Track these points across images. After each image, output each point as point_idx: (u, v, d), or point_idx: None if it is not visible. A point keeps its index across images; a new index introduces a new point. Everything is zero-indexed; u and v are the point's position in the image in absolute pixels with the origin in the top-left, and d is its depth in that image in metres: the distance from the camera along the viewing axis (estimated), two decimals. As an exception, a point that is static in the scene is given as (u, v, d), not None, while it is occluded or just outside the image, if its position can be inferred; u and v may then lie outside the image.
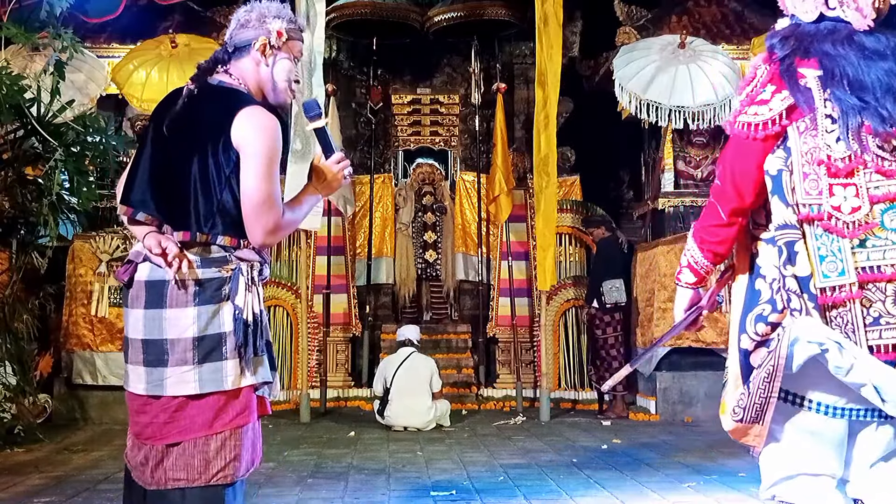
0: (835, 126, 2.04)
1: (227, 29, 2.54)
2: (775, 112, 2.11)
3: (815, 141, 2.06)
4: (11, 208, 6.93)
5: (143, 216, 2.37)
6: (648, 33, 9.13)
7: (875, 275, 2.01)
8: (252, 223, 2.31)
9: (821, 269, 2.04)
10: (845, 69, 2.06)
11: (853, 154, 2.03)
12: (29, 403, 7.02)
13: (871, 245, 2.02)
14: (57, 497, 4.63)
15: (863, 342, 2.02)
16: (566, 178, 9.63)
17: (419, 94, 10.47)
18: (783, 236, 2.12)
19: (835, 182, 2.04)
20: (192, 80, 2.43)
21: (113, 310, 7.67)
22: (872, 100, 2.03)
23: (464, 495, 4.66)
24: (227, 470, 2.33)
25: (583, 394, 9.03)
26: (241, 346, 2.32)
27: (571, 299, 9.28)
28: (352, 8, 9.28)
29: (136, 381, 2.37)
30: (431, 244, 9.84)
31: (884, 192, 2.02)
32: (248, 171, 2.30)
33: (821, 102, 2.06)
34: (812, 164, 2.06)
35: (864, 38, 2.10)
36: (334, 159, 2.47)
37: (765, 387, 2.10)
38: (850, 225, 2.02)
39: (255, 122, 2.31)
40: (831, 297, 2.03)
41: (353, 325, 9.34)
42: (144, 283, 2.36)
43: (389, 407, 7.25)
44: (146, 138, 2.45)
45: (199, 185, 2.31)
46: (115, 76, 8.25)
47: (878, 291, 2.01)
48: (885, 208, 2.02)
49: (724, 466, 5.37)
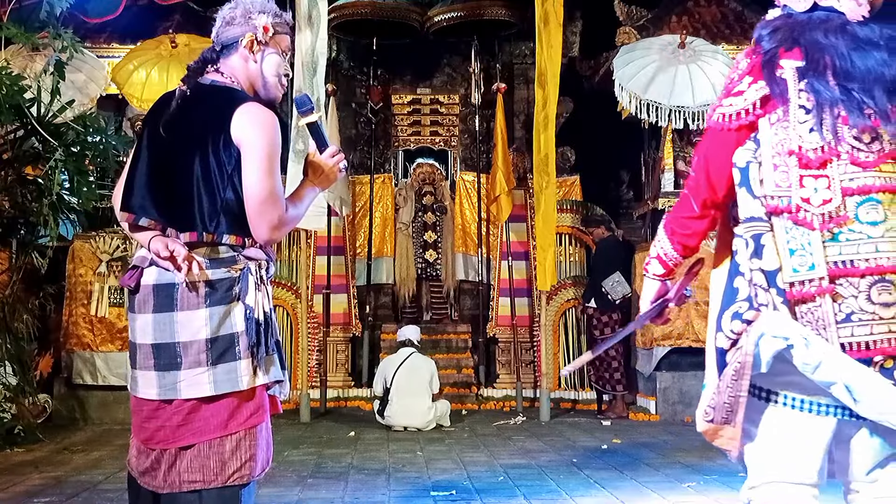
0: (808, 116, 1.99)
1: (214, 27, 2.52)
2: (748, 102, 2.07)
3: (787, 132, 2.00)
4: (11, 208, 6.93)
5: (146, 221, 2.35)
6: (648, 33, 9.13)
7: (847, 269, 1.93)
8: (257, 220, 2.30)
9: (790, 263, 1.97)
10: (833, 59, 2.01)
11: (826, 145, 1.96)
12: (29, 403, 7.02)
13: (844, 239, 1.94)
14: (57, 497, 4.62)
15: (834, 339, 1.93)
16: (566, 178, 9.63)
17: (419, 94, 10.47)
18: (750, 229, 2.06)
19: (806, 173, 1.97)
20: (184, 82, 2.42)
21: (113, 310, 7.68)
22: (858, 90, 1.97)
23: (464, 495, 4.66)
24: (244, 470, 2.33)
25: (583, 394, 9.04)
26: (253, 345, 2.31)
27: (571, 299, 9.28)
28: (352, 8, 9.28)
29: (147, 387, 2.34)
30: (431, 244, 9.84)
31: (858, 185, 1.95)
32: (249, 167, 2.29)
33: (794, 93, 2.01)
34: (783, 155, 2.00)
35: (857, 28, 2.05)
36: (329, 153, 2.46)
37: (733, 385, 2.03)
38: (819, 217, 1.95)
39: (253, 119, 2.31)
40: (801, 291, 1.96)
41: (353, 325, 9.34)
42: (153, 288, 2.34)
43: (389, 407, 7.25)
44: (140, 143, 2.43)
45: (202, 185, 2.30)
46: (115, 76, 8.25)
47: (850, 287, 1.93)
48: (861, 201, 1.95)
49: (724, 466, 5.37)
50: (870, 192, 1.95)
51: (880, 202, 1.95)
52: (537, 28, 7.87)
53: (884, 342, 1.92)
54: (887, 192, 1.95)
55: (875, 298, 1.92)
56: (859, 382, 1.92)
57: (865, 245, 1.93)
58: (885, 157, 1.97)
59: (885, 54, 2.02)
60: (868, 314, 1.93)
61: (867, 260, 1.93)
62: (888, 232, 1.94)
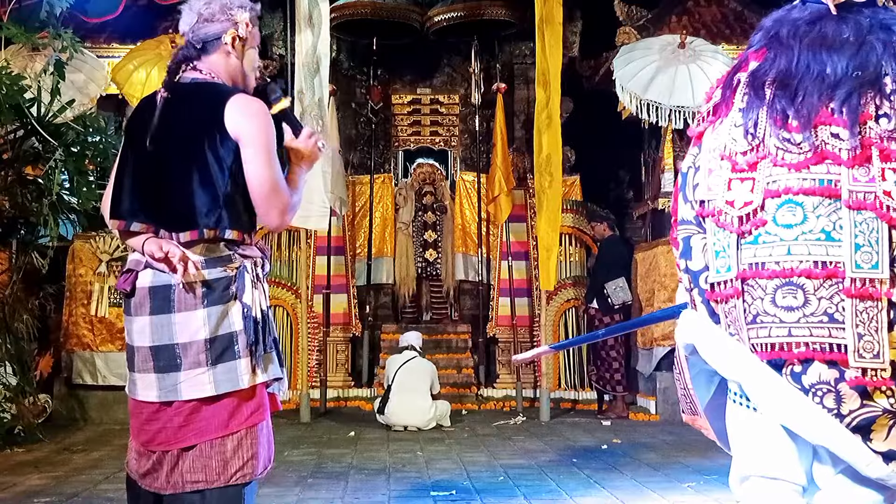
0: (743, 120, 1.99)
1: (184, 19, 2.47)
2: (705, 109, 2.11)
3: (723, 136, 2.01)
4: (11, 208, 6.93)
5: (138, 226, 2.35)
6: (648, 33, 9.13)
7: (757, 271, 1.91)
8: (266, 208, 2.34)
9: (715, 264, 1.99)
10: (782, 60, 1.99)
11: (755, 147, 1.95)
12: (29, 403, 7.02)
13: (761, 241, 1.92)
14: (57, 497, 4.62)
15: (746, 340, 1.94)
16: (566, 178, 9.60)
17: (419, 94, 10.47)
18: (682, 231, 2.10)
19: (734, 177, 1.97)
20: (164, 86, 2.41)
21: (113, 310, 7.68)
22: (784, 94, 1.94)
23: (464, 495, 4.66)
24: (246, 469, 2.33)
25: (583, 394, 9.04)
26: (252, 343, 2.32)
27: (571, 299, 9.28)
28: (352, 8, 9.28)
29: (146, 389, 2.34)
30: (431, 243, 9.84)
31: (779, 187, 1.91)
32: (251, 159, 2.31)
33: (739, 97, 2.01)
34: (717, 159, 2.01)
35: (831, 24, 2.00)
36: (305, 135, 2.46)
37: (679, 378, 2.09)
38: (738, 220, 1.94)
39: (247, 110, 2.32)
40: (718, 292, 1.98)
41: (353, 325, 9.34)
42: (149, 290, 2.33)
43: (389, 405, 7.25)
44: (126, 151, 2.42)
45: (201, 183, 2.30)
46: (115, 76, 8.24)
47: (758, 289, 1.92)
48: (781, 203, 1.91)
49: (724, 466, 5.34)
50: (788, 193, 1.90)
51: (800, 204, 1.90)
52: (537, 28, 7.86)
53: (784, 346, 1.89)
54: (810, 194, 1.89)
55: (779, 301, 1.90)
56: (757, 385, 1.92)
57: (778, 247, 1.90)
58: (814, 159, 1.90)
59: (849, 53, 1.94)
60: (770, 316, 1.91)
61: (777, 262, 1.90)
62: (803, 235, 1.88)
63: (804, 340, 1.87)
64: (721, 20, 9.63)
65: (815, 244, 1.87)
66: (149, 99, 2.46)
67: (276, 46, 9.97)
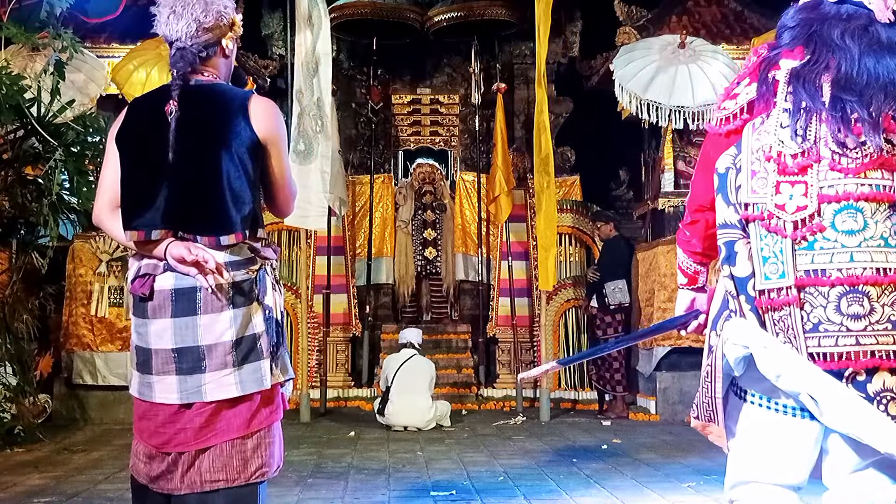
0: (791, 121, 1.93)
1: (173, 26, 2.46)
2: (738, 106, 2.05)
3: (768, 137, 1.95)
4: (11, 208, 6.92)
5: (158, 233, 2.30)
6: (648, 33, 9.13)
7: (817, 279, 1.86)
8: (286, 204, 2.50)
9: (763, 270, 1.92)
10: (840, 62, 1.93)
11: (807, 150, 1.90)
12: (29, 403, 7.02)
13: (818, 248, 1.87)
14: (57, 497, 4.62)
15: (803, 349, 1.88)
16: (566, 178, 9.64)
17: (419, 94, 10.48)
18: (724, 235, 2.03)
19: (783, 179, 1.91)
20: (175, 98, 2.34)
21: (113, 310, 7.68)
22: (851, 96, 1.90)
23: (464, 495, 4.66)
24: (265, 467, 2.34)
25: (583, 394, 9.04)
26: (274, 344, 2.34)
27: (571, 299, 9.28)
28: (352, 8, 9.29)
29: (166, 392, 2.31)
30: (431, 241, 9.84)
31: (837, 192, 1.87)
32: (278, 159, 2.41)
33: (782, 96, 1.96)
34: (762, 161, 1.95)
35: (881, 29, 1.97)
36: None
37: (706, 386, 2.02)
38: (792, 225, 1.88)
39: (270, 111, 2.38)
40: (770, 300, 1.91)
41: (352, 325, 9.35)
42: (171, 292, 2.30)
43: (390, 405, 7.25)
44: (123, 159, 2.39)
45: (231, 186, 2.29)
46: (115, 76, 8.24)
47: (819, 296, 1.87)
48: (839, 209, 1.87)
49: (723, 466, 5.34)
50: (848, 199, 1.87)
51: (860, 210, 1.87)
52: (537, 28, 7.87)
53: (851, 356, 1.86)
54: (870, 200, 1.87)
55: (844, 310, 1.86)
56: (823, 395, 1.87)
57: (840, 254, 1.87)
58: (872, 164, 1.88)
59: None
60: (835, 325, 1.87)
61: (839, 270, 1.86)
62: (865, 242, 1.86)
63: (871, 349, 1.86)
64: (721, 20, 9.64)
65: (876, 251, 1.86)
66: (141, 107, 2.45)
67: (276, 46, 9.98)
